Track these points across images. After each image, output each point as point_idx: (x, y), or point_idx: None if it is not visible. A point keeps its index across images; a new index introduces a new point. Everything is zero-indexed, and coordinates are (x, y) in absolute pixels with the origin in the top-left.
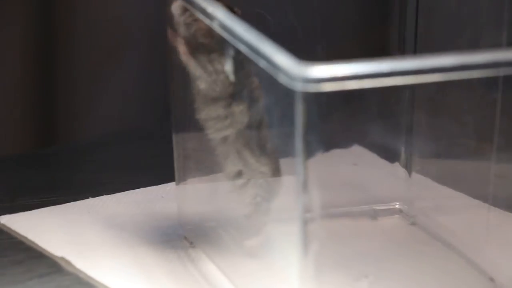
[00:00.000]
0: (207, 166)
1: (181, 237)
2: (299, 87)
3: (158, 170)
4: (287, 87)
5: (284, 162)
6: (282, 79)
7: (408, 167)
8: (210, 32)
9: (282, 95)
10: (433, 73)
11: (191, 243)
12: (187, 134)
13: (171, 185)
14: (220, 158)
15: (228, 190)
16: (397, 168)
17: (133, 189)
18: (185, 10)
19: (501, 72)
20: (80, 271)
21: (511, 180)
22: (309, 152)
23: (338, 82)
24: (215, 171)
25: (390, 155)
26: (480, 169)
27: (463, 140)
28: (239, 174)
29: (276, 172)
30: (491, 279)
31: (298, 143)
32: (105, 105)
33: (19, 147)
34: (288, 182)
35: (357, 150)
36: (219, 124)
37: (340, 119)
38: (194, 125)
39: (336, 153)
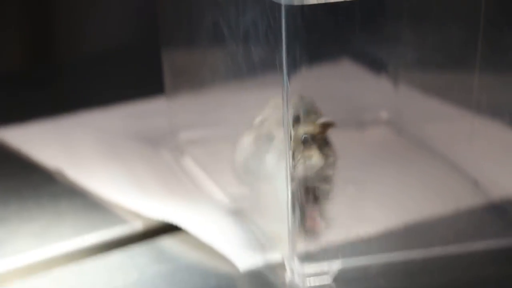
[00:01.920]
0: (197, 79)
1: (172, 148)
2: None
3: (150, 84)
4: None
5: (270, 76)
6: None
7: (395, 78)
8: None
9: (267, 8)
10: None
11: (182, 153)
12: (176, 48)
13: (162, 99)
14: None
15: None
16: (384, 80)
17: (125, 103)
18: None
19: None
20: (74, 182)
21: (495, 88)
22: (294, 65)
23: None
24: (205, 84)
25: (377, 67)
26: (465, 78)
27: (448, 49)
28: None
29: None
30: (475, 182)
31: (283, 55)
32: (99, 22)
33: (14, 64)
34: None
35: (345, 63)
36: None
37: (326, 33)
38: (182, 40)
39: (324, 66)
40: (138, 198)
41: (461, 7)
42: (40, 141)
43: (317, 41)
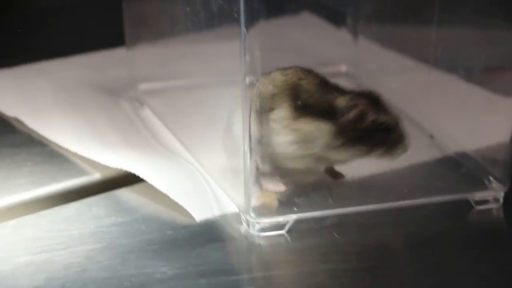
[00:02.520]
0: (157, 30)
1: (131, 99)
2: None
3: (110, 35)
4: None
5: (229, 27)
6: None
7: (354, 32)
8: None
9: None
10: None
11: (141, 104)
12: (137, 0)
13: (121, 50)
14: None
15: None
16: (344, 33)
17: (85, 53)
18: None
19: None
20: (32, 131)
21: (452, 42)
22: (252, 16)
23: None
24: (165, 35)
25: (337, 20)
26: (423, 32)
27: (406, 2)
28: None
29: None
30: (431, 136)
31: (241, 6)
32: None
33: None
34: (233, 46)
35: (305, 16)
36: None
37: None
38: None
39: (284, 19)
40: (97, 148)
41: None
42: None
43: None
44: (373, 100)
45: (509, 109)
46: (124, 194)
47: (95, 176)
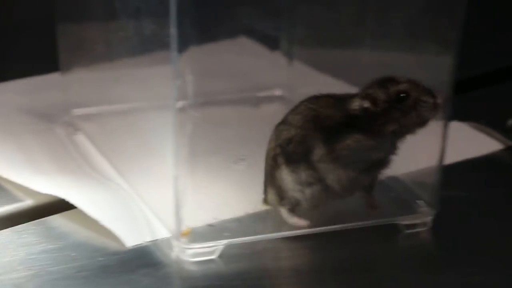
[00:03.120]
0: (92, 55)
1: (66, 124)
2: None
3: (43, 60)
4: None
5: (163, 52)
6: None
7: (289, 55)
8: None
9: None
10: None
11: (76, 130)
12: (71, 23)
13: (56, 75)
14: None
15: None
16: (279, 56)
17: (18, 78)
18: None
19: None
20: None
21: (384, 65)
22: (185, 40)
23: None
24: (100, 60)
25: (272, 44)
26: (356, 55)
27: (340, 27)
28: None
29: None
30: None
31: (173, 30)
32: None
33: None
34: (165, 71)
35: (241, 40)
36: None
37: (217, 8)
38: (77, 15)
39: (220, 44)
40: (29, 174)
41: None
42: None
43: (208, 16)
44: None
45: (438, 133)
46: (56, 220)
47: (27, 202)
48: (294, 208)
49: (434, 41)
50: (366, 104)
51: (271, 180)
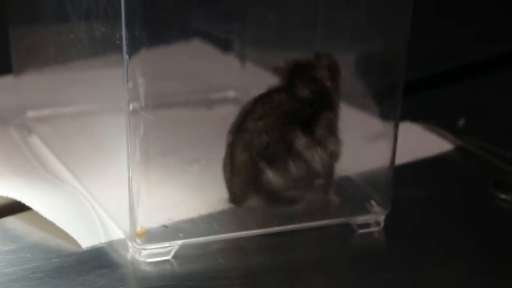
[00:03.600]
0: (44, 57)
1: (20, 126)
2: None
3: None
4: None
5: (113, 54)
6: None
7: (242, 57)
8: None
9: None
10: None
11: (29, 132)
12: (23, 26)
13: (9, 77)
14: None
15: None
16: (232, 59)
17: None
18: None
19: None
20: None
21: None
22: (134, 43)
23: None
24: (52, 63)
25: (225, 46)
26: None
27: (290, 29)
28: None
29: None
30: None
31: (123, 33)
32: None
33: None
34: (117, 74)
35: (196, 43)
36: None
37: (166, 9)
38: (29, 17)
39: (174, 46)
40: None
41: None
42: None
43: (158, 18)
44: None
45: (390, 133)
46: (10, 222)
47: None
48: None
49: (383, 42)
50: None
51: (255, 188)
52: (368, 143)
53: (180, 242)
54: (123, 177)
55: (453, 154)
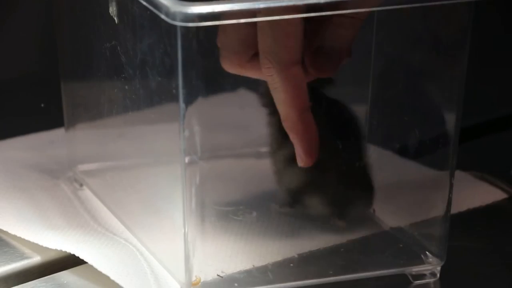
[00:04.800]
0: (96, 110)
1: (71, 180)
2: (179, 23)
3: (48, 116)
4: (168, 24)
5: (167, 105)
6: (163, 16)
7: None
8: None
9: (164, 33)
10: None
11: (81, 185)
12: (75, 80)
13: (61, 130)
14: None
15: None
16: None
17: (23, 134)
18: None
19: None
20: None
21: (385, 119)
22: (190, 93)
23: (216, 19)
24: (103, 117)
25: None
26: (356, 108)
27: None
28: None
29: None
30: (373, 210)
31: (179, 82)
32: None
33: None
34: (171, 126)
35: (242, 93)
36: None
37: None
38: (81, 72)
39: (221, 96)
40: (37, 229)
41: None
42: None
43: (214, 67)
44: None
45: (444, 184)
46: (65, 276)
47: (36, 259)
48: None
49: (439, 92)
50: None
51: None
52: (421, 193)
53: None
54: (177, 227)
55: (507, 203)
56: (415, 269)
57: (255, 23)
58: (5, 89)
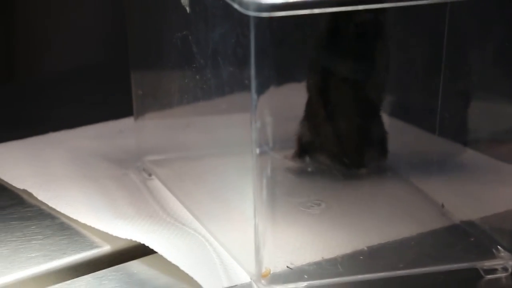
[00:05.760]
0: (165, 101)
1: (140, 169)
2: (252, 12)
3: (117, 105)
4: (241, 14)
5: (238, 95)
6: (236, 6)
7: None
8: None
9: (236, 23)
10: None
11: (150, 175)
12: (145, 70)
13: (130, 120)
14: None
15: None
16: None
17: (92, 123)
18: None
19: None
20: (42, 203)
21: (457, 111)
22: (263, 82)
23: (289, 8)
24: (173, 106)
25: None
26: (428, 101)
27: (411, 71)
28: None
29: None
30: (442, 205)
31: (252, 70)
32: (66, 41)
33: None
34: (242, 116)
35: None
36: None
37: (295, 48)
38: (151, 62)
39: (294, 86)
40: (107, 219)
41: (424, 30)
42: (8, 162)
43: (286, 57)
44: None
45: None
46: (135, 266)
47: (106, 248)
48: None
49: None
50: None
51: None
52: (493, 187)
53: (305, 284)
54: (247, 218)
55: None
56: (487, 264)
57: None
58: (75, 78)
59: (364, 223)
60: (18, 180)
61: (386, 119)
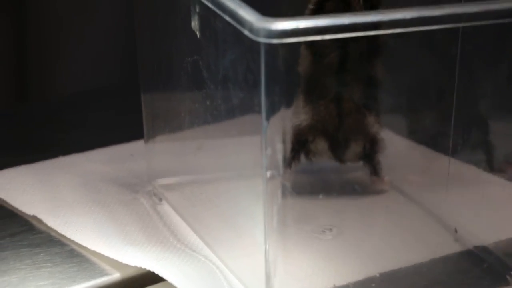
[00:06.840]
0: (175, 124)
1: (150, 194)
2: (263, 39)
3: (127, 128)
4: (251, 40)
5: (248, 119)
6: (246, 32)
7: None
8: None
9: (247, 48)
10: (393, 27)
11: (160, 199)
12: (155, 93)
13: (140, 143)
14: None
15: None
16: None
17: (102, 147)
18: None
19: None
20: (52, 229)
21: (470, 134)
22: (273, 105)
23: (300, 35)
24: (183, 130)
25: None
26: (441, 123)
27: (424, 94)
28: None
29: None
30: (455, 230)
31: (262, 95)
32: (76, 64)
33: None
34: (252, 139)
35: None
36: None
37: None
38: (162, 85)
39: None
40: (116, 246)
41: (437, 53)
42: (18, 188)
43: (295, 83)
44: None
45: None
46: None
47: (115, 276)
48: None
49: None
50: None
51: None
52: (507, 211)
53: None
54: (258, 245)
55: None
56: None
57: None
58: (85, 101)
59: (376, 248)
60: (28, 206)
61: (400, 140)
